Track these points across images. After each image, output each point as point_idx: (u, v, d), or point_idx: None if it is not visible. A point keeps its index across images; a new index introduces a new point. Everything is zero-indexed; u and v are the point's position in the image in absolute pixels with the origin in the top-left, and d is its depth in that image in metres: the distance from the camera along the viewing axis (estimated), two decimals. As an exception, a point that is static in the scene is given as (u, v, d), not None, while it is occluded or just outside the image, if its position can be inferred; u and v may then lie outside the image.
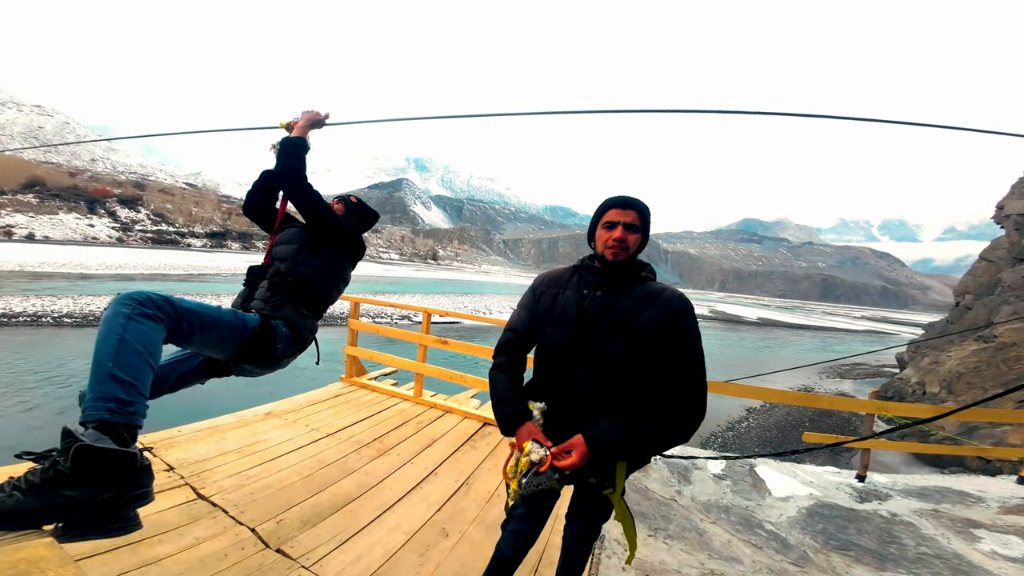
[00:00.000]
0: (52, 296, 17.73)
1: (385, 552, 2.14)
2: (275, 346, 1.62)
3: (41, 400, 8.25)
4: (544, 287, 1.51)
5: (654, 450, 1.33)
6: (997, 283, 17.55)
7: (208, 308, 1.43)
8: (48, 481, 0.93)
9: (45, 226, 78.24)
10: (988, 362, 13.69)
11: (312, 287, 1.82)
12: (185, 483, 2.43)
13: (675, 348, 1.30)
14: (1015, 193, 18.53)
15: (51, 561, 0.67)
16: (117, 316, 1.15)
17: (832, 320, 78.68)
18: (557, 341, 1.41)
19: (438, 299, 33.25)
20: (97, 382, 1.07)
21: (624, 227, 1.35)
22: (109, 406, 1.04)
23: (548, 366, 1.45)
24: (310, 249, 1.86)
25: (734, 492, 3.76)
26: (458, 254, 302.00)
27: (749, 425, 13.58)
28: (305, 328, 1.79)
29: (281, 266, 1.80)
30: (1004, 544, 3.32)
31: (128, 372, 1.10)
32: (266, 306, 1.71)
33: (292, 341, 1.71)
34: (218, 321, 1.44)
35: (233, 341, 1.49)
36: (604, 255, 1.38)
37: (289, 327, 1.70)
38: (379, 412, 4.11)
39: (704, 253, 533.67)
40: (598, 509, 1.49)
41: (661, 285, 1.41)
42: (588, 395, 1.34)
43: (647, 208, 1.41)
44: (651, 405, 1.30)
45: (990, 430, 11.31)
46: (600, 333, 1.34)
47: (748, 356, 28.28)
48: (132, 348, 1.12)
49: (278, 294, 1.74)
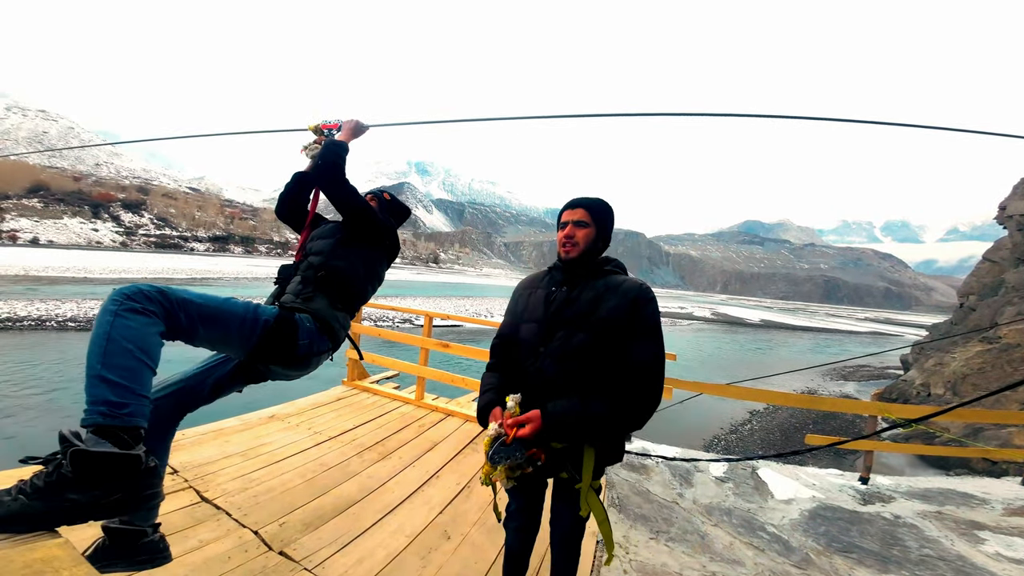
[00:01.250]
0: (56, 300, 17.85)
1: (387, 554, 2.15)
2: (296, 342, 1.49)
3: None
4: (522, 288, 1.65)
5: (609, 431, 1.35)
6: (1001, 284, 17.46)
7: (212, 299, 1.32)
8: (52, 485, 0.93)
9: (49, 230, 78.75)
10: (993, 363, 13.61)
11: (346, 281, 1.75)
12: (189, 486, 2.45)
13: (634, 335, 1.37)
14: (1017, 193, 18.47)
15: (64, 561, 0.69)
16: (105, 314, 1.09)
17: (835, 322, 78.37)
18: (528, 335, 1.51)
19: (439, 302, 33.28)
20: (89, 385, 1.03)
21: (573, 224, 1.48)
22: (101, 409, 1.01)
23: (519, 358, 1.53)
24: (346, 243, 1.79)
25: (736, 495, 3.76)
26: (459, 257, 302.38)
27: (752, 428, 13.52)
28: (336, 321, 1.68)
29: (315, 259, 1.74)
30: (1008, 546, 3.31)
31: (117, 372, 1.05)
32: (296, 299, 1.62)
33: (319, 336, 1.59)
34: (224, 312, 1.33)
35: (242, 335, 1.38)
36: (560, 254, 1.53)
37: (317, 320, 1.59)
38: (381, 415, 4.13)
39: (706, 255, 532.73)
40: (573, 506, 1.52)
41: (623, 277, 1.49)
42: (554, 383, 1.41)
43: (600, 204, 1.52)
44: (609, 388, 1.35)
45: (996, 431, 11.23)
46: (564, 324, 1.43)
47: (751, 358, 28.18)
48: (120, 346, 1.07)
49: (309, 286, 1.66)
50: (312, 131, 2.03)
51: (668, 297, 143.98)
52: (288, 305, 1.60)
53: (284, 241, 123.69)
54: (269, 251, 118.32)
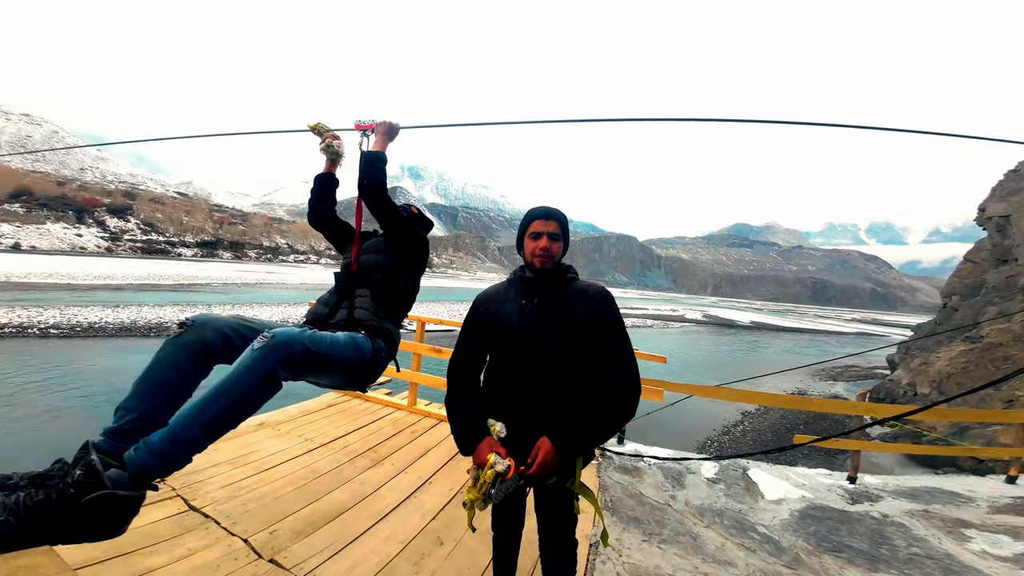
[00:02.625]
0: (39, 307, 17.46)
1: (379, 561, 2.14)
2: (376, 371, 1.55)
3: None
4: (485, 304, 1.62)
5: (608, 434, 1.42)
6: (982, 284, 17.89)
7: (333, 345, 1.28)
8: (46, 508, 0.86)
9: (32, 236, 77.19)
10: (976, 362, 13.91)
11: (408, 302, 1.84)
12: (176, 495, 2.41)
13: (605, 334, 1.46)
14: (996, 195, 18.97)
15: (49, 568, 0.68)
16: (255, 370, 1.04)
17: (823, 323, 79.49)
18: (507, 351, 1.51)
19: (433, 307, 33.14)
20: (178, 432, 0.98)
21: (548, 237, 1.52)
22: (161, 465, 0.98)
23: (502, 377, 1.53)
24: (403, 264, 1.87)
25: (727, 496, 3.78)
26: (453, 261, 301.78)
27: (744, 429, 13.63)
28: (397, 342, 1.73)
29: (378, 276, 1.76)
30: (994, 543, 3.36)
31: (213, 433, 1.02)
32: (374, 317, 1.64)
33: (389, 357, 1.65)
34: (339, 359, 1.31)
35: (349, 375, 1.42)
36: (533, 263, 1.54)
37: (387, 344, 1.64)
38: (373, 422, 4.10)
39: (697, 258, 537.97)
40: (561, 504, 1.53)
41: (586, 283, 1.59)
42: (544, 395, 1.44)
43: (565, 217, 1.59)
44: (595, 392, 1.40)
45: (981, 430, 11.46)
46: (546, 336, 1.46)
47: (742, 359, 28.46)
48: (243, 411, 1.04)
49: (384, 307, 1.71)
50: (311, 130, 2.03)
51: (660, 300, 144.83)
52: (369, 324, 1.60)
53: (274, 247, 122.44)
54: (259, 256, 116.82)
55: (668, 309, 74.26)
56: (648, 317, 52.76)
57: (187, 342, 1.15)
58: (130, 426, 1.08)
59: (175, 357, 1.13)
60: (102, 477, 0.90)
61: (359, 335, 1.48)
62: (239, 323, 1.27)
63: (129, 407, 1.09)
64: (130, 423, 1.08)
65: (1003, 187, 18.98)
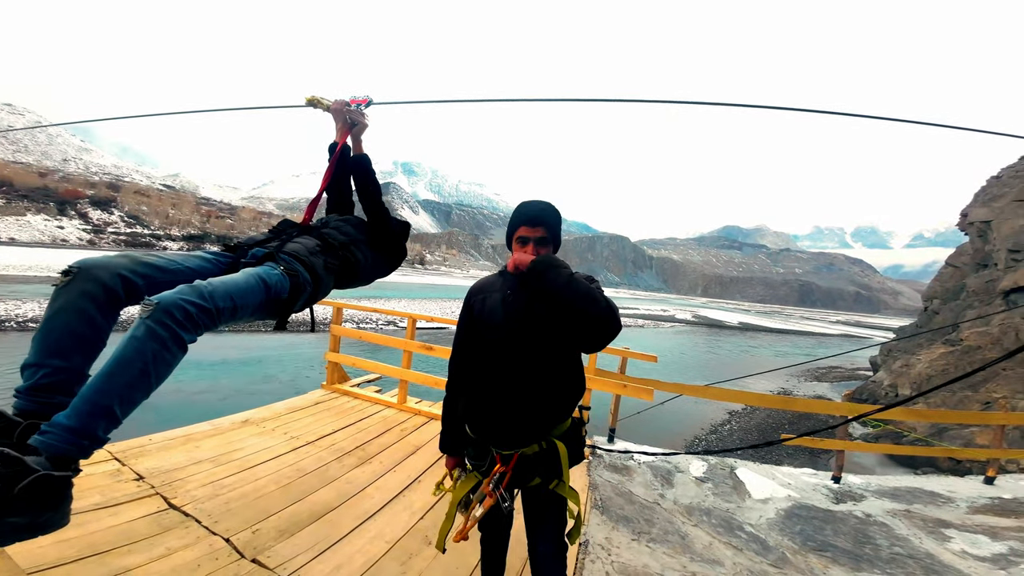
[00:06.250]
0: (16, 300, 16.98)
1: (366, 561, 2.10)
2: (292, 306, 1.46)
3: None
4: (476, 294, 1.62)
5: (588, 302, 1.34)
6: (962, 288, 18.31)
7: (236, 289, 1.20)
8: None
9: (11, 228, 75.04)
10: (956, 364, 14.24)
11: (355, 274, 1.81)
12: (156, 493, 2.35)
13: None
14: (979, 201, 19.43)
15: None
16: (149, 340, 0.97)
17: (809, 324, 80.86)
18: (491, 341, 1.51)
19: (424, 304, 32.98)
20: (87, 412, 0.93)
21: (535, 243, 1.49)
22: (83, 443, 0.93)
23: (484, 363, 1.53)
24: (371, 245, 1.90)
25: (715, 495, 3.81)
26: (446, 259, 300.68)
27: (731, 428, 13.81)
28: (324, 287, 1.63)
29: (340, 238, 1.75)
30: (973, 543, 3.43)
31: (126, 408, 0.98)
32: (309, 256, 1.54)
33: (312, 292, 1.55)
34: (246, 303, 1.24)
35: (261, 313, 1.34)
36: (518, 267, 1.49)
37: (313, 280, 1.53)
38: (361, 419, 4.04)
39: (687, 259, 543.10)
40: (550, 505, 1.53)
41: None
42: (523, 383, 1.43)
43: (554, 215, 1.52)
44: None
45: (959, 431, 11.74)
46: (526, 328, 1.45)
47: (730, 359, 28.83)
48: (148, 383, 0.99)
49: (333, 259, 1.66)
50: (308, 103, 2.06)
51: (651, 300, 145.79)
52: (298, 256, 1.51)
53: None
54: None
55: (659, 309, 74.82)
56: (639, 317, 53.18)
57: (82, 289, 1.07)
58: (47, 380, 1.02)
59: (74, 304, 1.06)
60: (26, 463, 0.85)
61: (273, 272, 1.37)
62: (136, 262, 1.19)
63: (35, 363, 1.03)
64: (46, 377, 1.02)
65: (986, 193, 19.47)
